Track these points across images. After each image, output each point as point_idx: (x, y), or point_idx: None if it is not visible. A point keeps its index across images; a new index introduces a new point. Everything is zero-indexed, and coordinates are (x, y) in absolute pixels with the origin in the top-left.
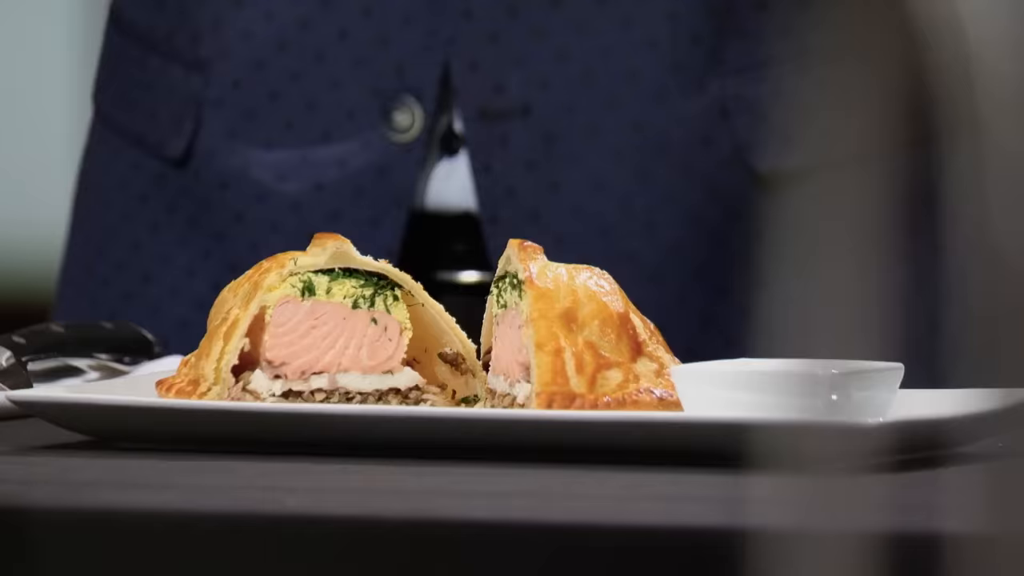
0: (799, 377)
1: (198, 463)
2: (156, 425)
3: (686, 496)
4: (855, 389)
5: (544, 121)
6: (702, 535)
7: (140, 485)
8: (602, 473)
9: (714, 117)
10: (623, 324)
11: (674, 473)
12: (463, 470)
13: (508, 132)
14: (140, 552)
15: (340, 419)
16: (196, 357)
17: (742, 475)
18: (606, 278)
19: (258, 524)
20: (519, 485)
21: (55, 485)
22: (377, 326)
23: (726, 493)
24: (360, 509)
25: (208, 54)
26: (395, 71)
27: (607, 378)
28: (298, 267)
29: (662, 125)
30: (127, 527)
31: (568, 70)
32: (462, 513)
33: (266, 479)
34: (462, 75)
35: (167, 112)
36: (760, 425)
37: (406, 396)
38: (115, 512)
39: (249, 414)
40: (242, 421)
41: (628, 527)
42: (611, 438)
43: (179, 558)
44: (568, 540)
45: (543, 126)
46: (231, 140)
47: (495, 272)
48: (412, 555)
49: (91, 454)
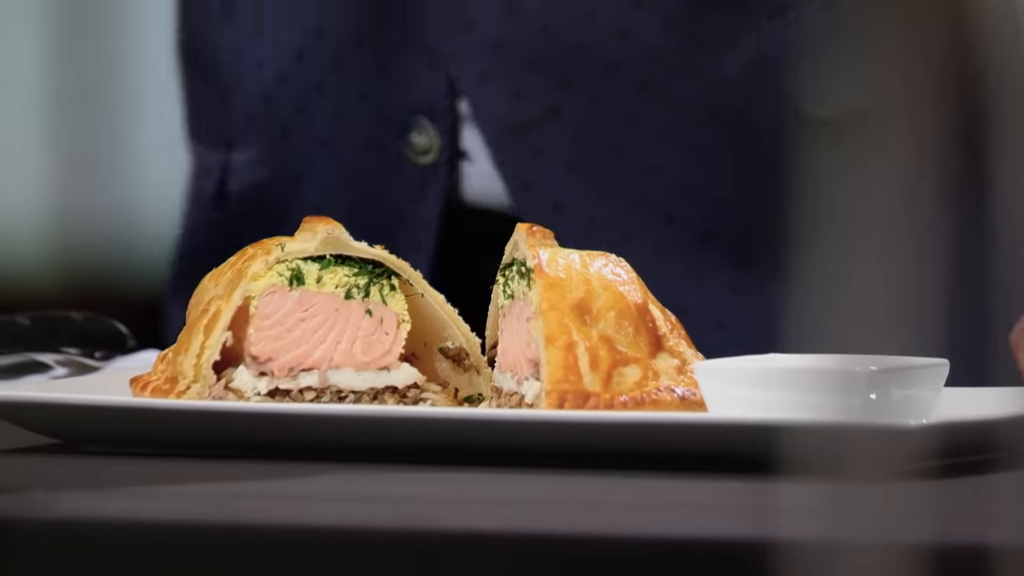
0: (834, 374)
1: (176, 469)
2: (130, 427)
3: (710, 505)
4: (896, 387)
5: (576, 119)
6: (727, 548)
7: (112, 493)
8: (618, 480)
9: (753, 72)
10: (641, 316)
11: (697, 480)
12: (466, 476)
13: (539, 139)
14: (112, 567)
15: (332, 420)
16: (174, 352)
17: (771, 482)
18: (623, 266)
19: (242, 536)
20: (527, 493)
21: (17, 493)
22: (372, 318)
23: (754, 502)
24: (354, 520)
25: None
26: (403, 94)
27: (624, 375)
28: (285, 254)
29: (701, 93)
30: (98, 539)
31: (588, 62)
32: (465, 524)
33: (251, 486)
34: (474, 88)
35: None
36: (791, 427)
37: (404, 395)
38: (84, 523)
39: (232, 415)
40: (224, 422)
41: (645, 539)
42: (628, 441)
43: (155, 574)
44: (579, 553)
45: (576, 124)
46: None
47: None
48: (411, 570)
49: (58, 459)
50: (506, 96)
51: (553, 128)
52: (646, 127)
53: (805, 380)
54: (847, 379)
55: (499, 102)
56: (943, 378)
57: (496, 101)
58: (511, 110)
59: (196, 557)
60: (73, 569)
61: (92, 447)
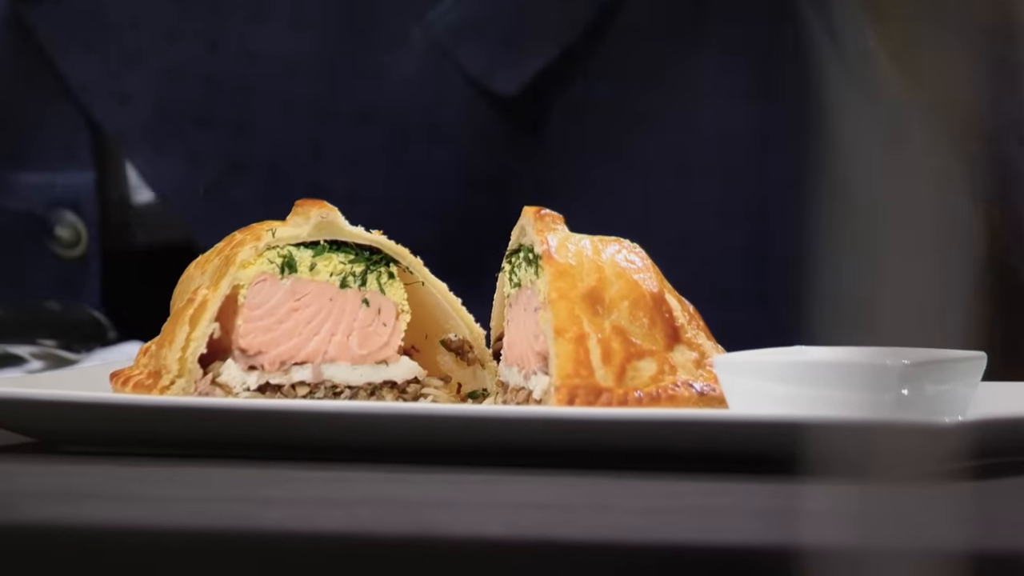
0: (864, 368)
1: (160, 470)
2: (110, 425)
3: (730, 509)
4: (930, 382)
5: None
6: (749, 555)
7: (91, 496)
8: (632, 482)
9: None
10: (657, 306)
11: (717, 482)
12: (470, 478)
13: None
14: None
15: (326, 418)
16: (157, 345)
17: (796, 484)
18: (638, 252)
19: (232, 543)
20: (535, 496)
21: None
22: (369, 308)
23: (778, 505)
24: (350, 526)
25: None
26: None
27: (638, 369)
28: (276, 239)
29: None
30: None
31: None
32: (469, 529)
33: (240, 489)
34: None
35: None
36: (817, 425)
37: (403, 390)
38: (62, 529)
39: (219, 412)
40: (211, 420)
41: (662, 545)
42: (643, 440)
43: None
44: (592, 561)
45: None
46: None
47: None
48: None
49: (34, 459)
50: (180, 160)
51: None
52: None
53: (832, 374)
54: (878, 373)
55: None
56: (981, 371)
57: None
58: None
59: (181, 567)
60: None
61: (69, 447)
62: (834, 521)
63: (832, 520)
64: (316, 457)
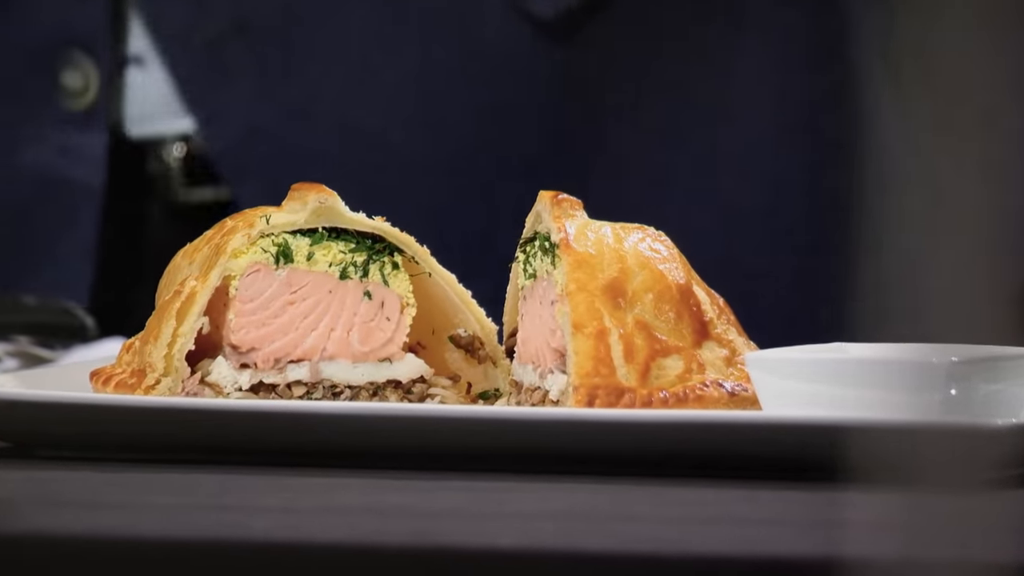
0: (909, 367)
1: (144, 476)
2: (90, 428)
3: (764, 518)
4: (981, 381)
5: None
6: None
7: (70, 504)
8: (657, 489)
9: None
10: (684, 298)
11: (749, 489)
12: (481, 485)
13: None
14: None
15: (324, 420)
16: (141, 341)
17: (836, 492)
18: (663, 240)
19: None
20: (551, 505)
21: None
22: (372, 301)
23: (816, 515)
24: (350, 535)
25: None
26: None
27: (664, 367)
28: (271, 226)
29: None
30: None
31: None
32: (480, 541)
33: (230, 496)
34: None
35: None
36: (859, 427)
37: (408, 390)
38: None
39: (209, 413)
40: (200, 422)
41: (690, 558)
42: (668, 444)
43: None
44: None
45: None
46: None
47: None
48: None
49: (9, 464)
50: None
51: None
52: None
53: (874, 373)
54: (924, 371)
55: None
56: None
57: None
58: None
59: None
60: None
61: (46, 451)
62: (878, 532)
63: (876, 530)
64: (313, 463)
